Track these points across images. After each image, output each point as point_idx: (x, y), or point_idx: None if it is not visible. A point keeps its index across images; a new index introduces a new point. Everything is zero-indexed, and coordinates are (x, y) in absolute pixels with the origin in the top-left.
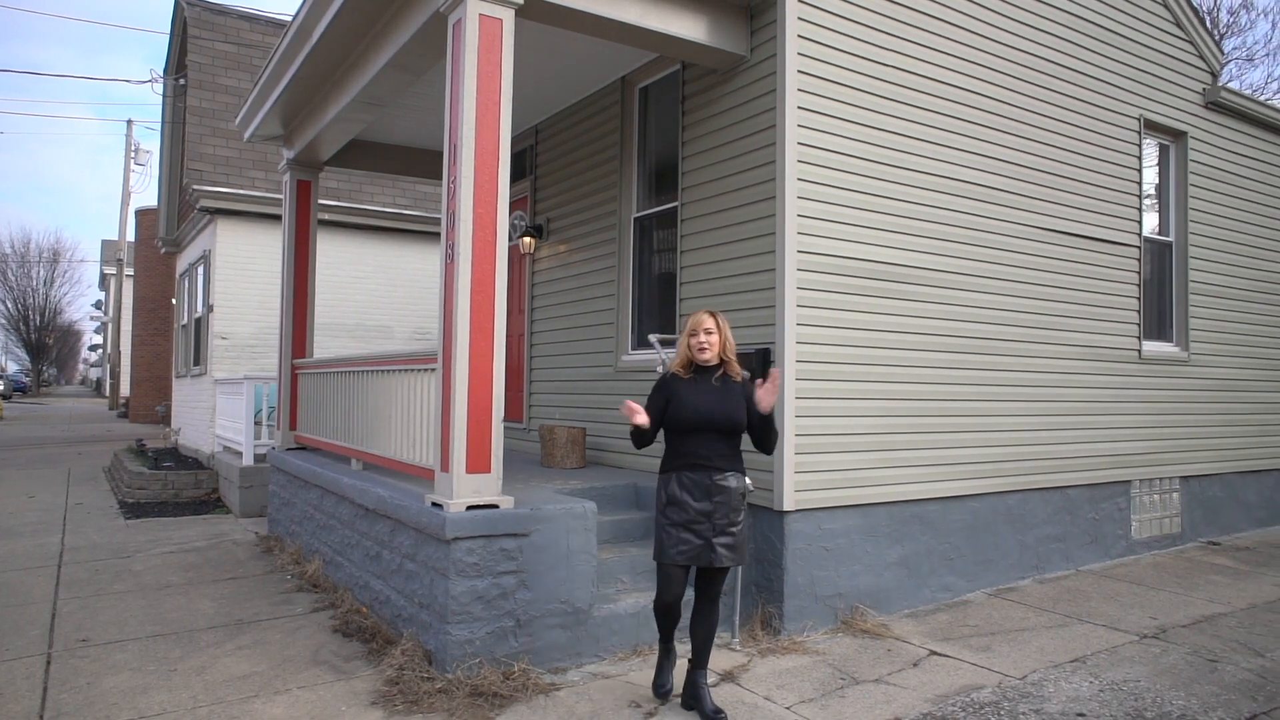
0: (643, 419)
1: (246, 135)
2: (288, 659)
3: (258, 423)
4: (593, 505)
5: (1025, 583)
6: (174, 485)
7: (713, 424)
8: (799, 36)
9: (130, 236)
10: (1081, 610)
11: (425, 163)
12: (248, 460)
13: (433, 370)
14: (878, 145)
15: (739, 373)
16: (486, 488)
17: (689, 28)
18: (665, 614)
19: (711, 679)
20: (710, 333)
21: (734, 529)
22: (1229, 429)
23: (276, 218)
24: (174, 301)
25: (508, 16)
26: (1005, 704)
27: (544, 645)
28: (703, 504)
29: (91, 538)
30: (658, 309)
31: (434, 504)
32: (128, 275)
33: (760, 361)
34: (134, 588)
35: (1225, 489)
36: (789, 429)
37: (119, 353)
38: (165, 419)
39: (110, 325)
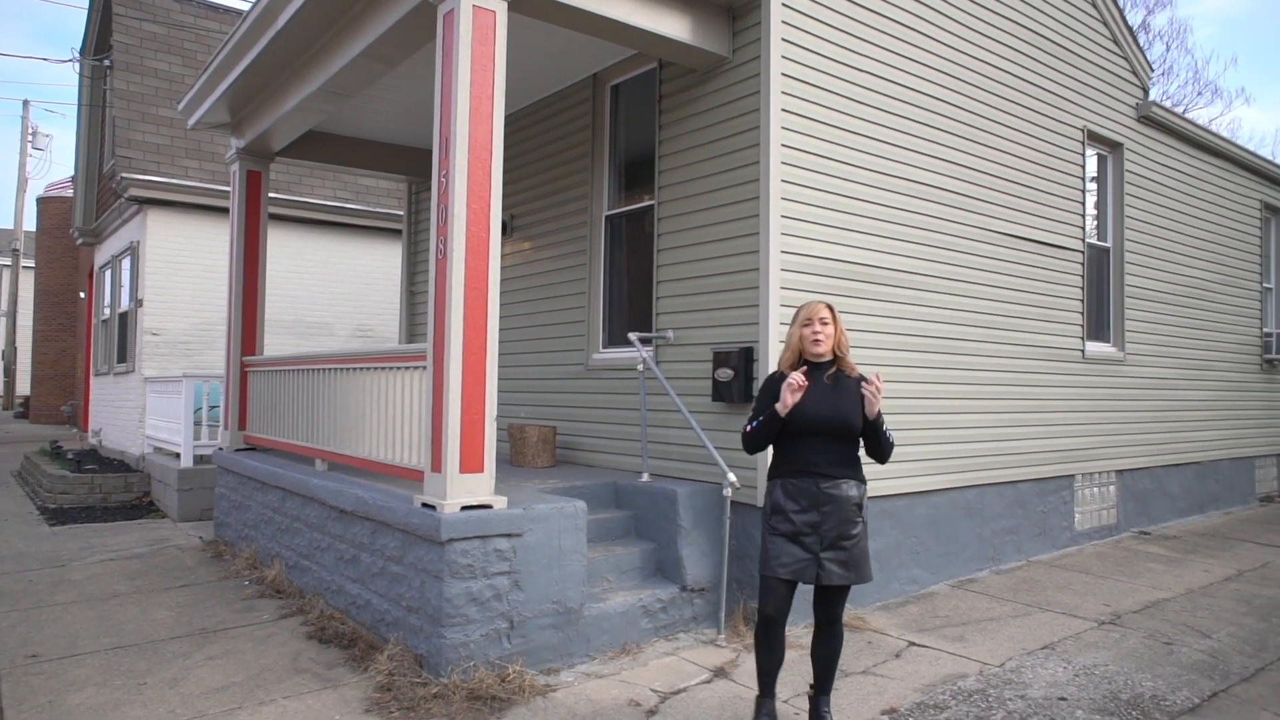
0: (795, 396)
1: (191, 122)
2: (265, 668)
3: (197, 423)
4: (583, 504)
5: (983, 574)
6: (101, 489)
7: (823, 427)
8: (783, 40)
9: (29, 225)
10: (1040, 599)
11: (386, 157)
12: (187, 462)
13: (417, 368)
14: (851, 149)
15: (854, 368)
16: (480, 488)
17: (674, 26)
18: (767, 636)
19: (704, 676)
20: (826, 323)
21: (846, 542)
22: (1158, 425)
23: (212, 209)
24: (81, 295)
25: (500, 9)
26: (991, 691)
27: (537, 646)
28: (809, 515)
29: (16, 546)
30: (629, 307)
31: (425, 505)
32: (27, 266)
33: (743, 360)
34: (78, 598)
35: (1154, 481)
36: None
37: (14, 349)
38: (72, 419)
39: (5, 319)
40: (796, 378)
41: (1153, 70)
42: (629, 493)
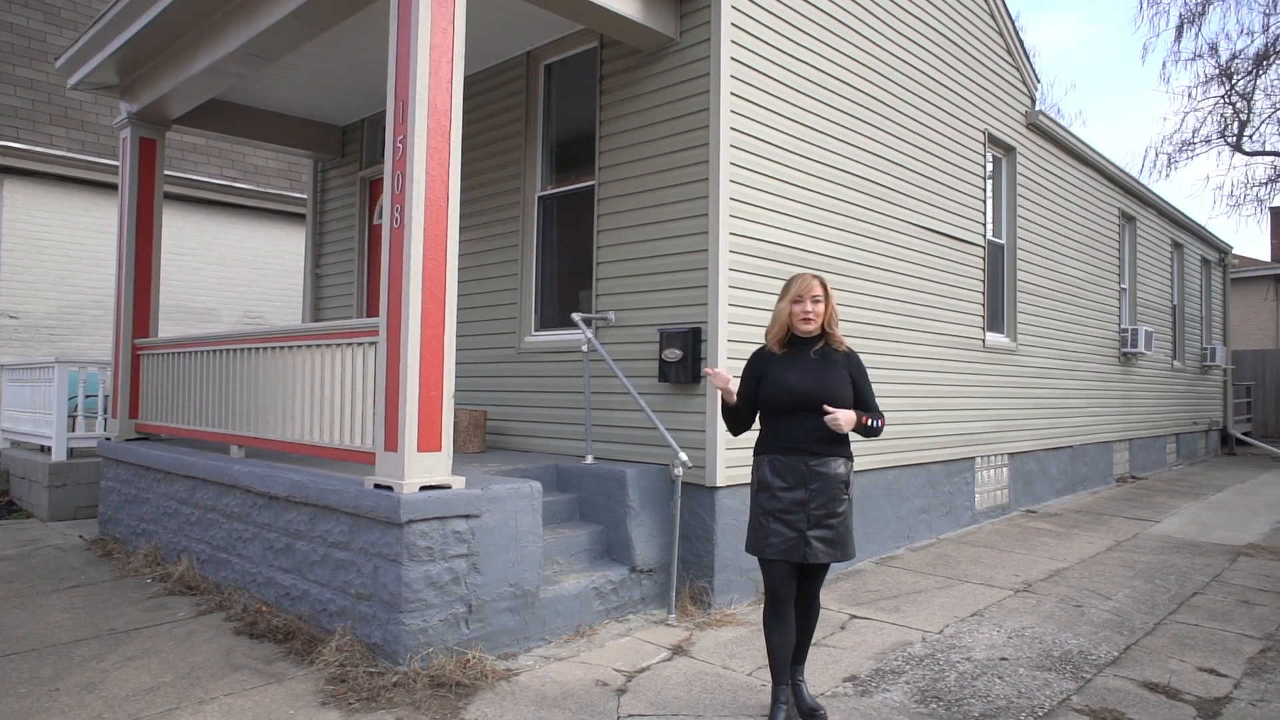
0: (723, 383)
1: (72, 82)
2: (196, 666)
3: (72, 414)
4: (538, 485)
5: (901, 551)
6: None
7: (808, 402)
8: (733, 25)
9: None
10: (957, 573)
11: (293, 131)
12: (59, 456)
13: (366, 344)
14: (792, 136)
15: (842, 342)
16: (437, 467)
17: (622, 2)
18: (775, 615)
19: (663, 654)
20: (818, 301)
21: (832, 520)
22: (1042, 411)
23: (82, 182)
24: None
25: None
26: (939, 655)
27: (494, 630)
28: (796, 492)
29: None
30: (563, 290)
31: (378, 486)
32: None
33: (691, 341)
34: None
35: (1038, 464)
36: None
37: None
38: None
39: None
40: (721, 375)
41: (1039, 81)
42: (573, 475)
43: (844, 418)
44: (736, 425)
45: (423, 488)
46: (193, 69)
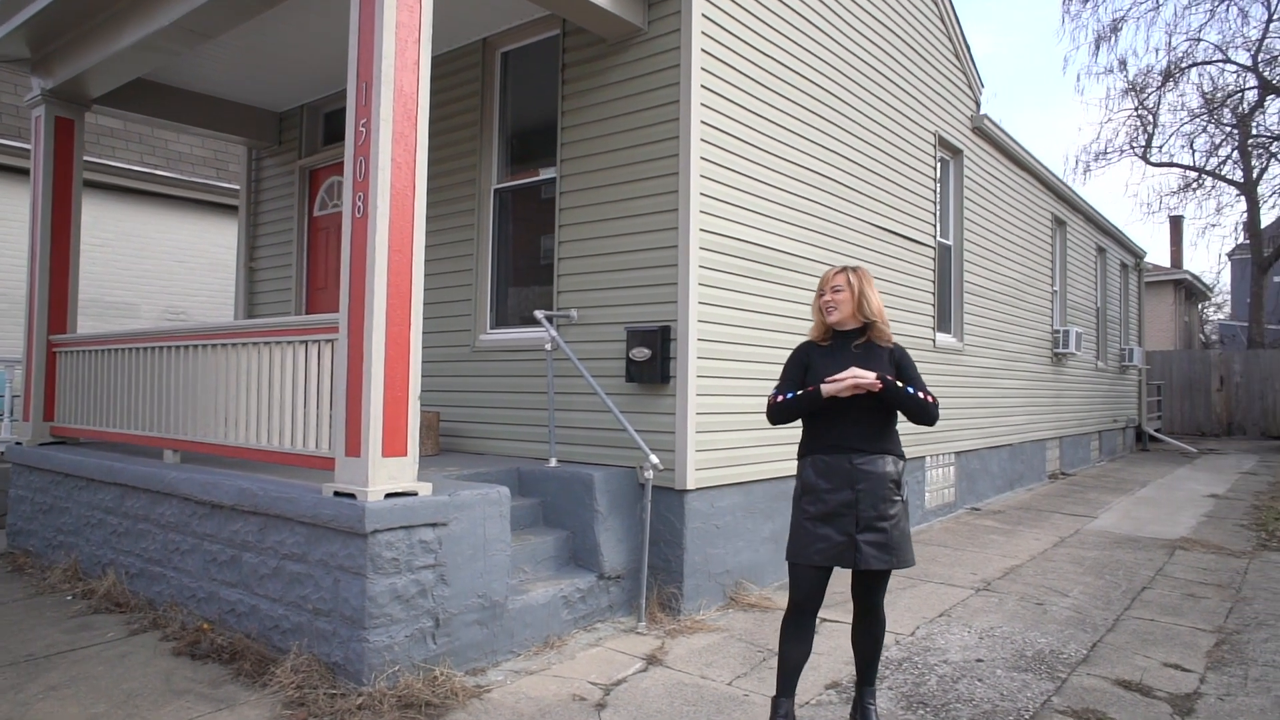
0: (866, 381)
1: None
2: (133, 693)
3: None
4: (506, 490)
5: None
6: None
7: (851, 400)
8: (704, 16)
9: None
10: (917, 572)
11: (226, 116)
12: None
13: (324, 341)
14: (762, 133)
15: (888, 337)
16: (403, 473)
17: None
18: (797, 627)
19: (638, 665)
20: (838, 290)
21: (883, 523)
22: (985, 410)
23: None
24: None
25: None
26: (916, 658)
27: (462, 645)
28: (843, 494)
29: None
30: (519, 286)
31: (339, 494)
32: None
33: (660, 339)
34: None
35: (980, 462)
36: (691, 408)
37: None
38: None
39: None
40: (856, 376)
41: (983, 86)
42: (535, 479)
43: (865, 377)
44: (778, 417)
45: (388, 495)
46: (119, 44)
